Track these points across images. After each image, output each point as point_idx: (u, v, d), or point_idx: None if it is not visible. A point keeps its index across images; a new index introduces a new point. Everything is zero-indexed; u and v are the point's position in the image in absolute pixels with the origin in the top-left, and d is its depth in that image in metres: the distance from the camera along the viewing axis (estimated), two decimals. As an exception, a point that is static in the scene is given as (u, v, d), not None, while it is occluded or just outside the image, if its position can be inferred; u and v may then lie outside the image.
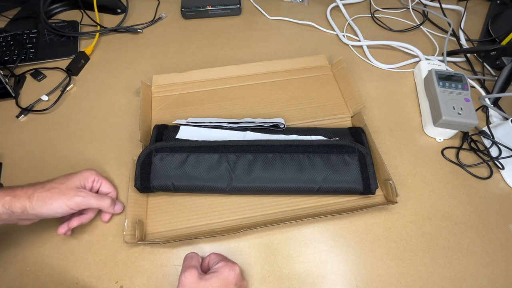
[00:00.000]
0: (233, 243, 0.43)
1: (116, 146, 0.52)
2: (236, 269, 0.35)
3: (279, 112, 0.56)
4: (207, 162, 0.45)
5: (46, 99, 0.58)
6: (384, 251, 0.43)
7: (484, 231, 0.45)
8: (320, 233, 0.44)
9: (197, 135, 0.48)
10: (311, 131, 0.50)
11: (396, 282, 0.41)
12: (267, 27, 0.73)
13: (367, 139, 0.49)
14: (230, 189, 0.44)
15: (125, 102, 0.58)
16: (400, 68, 0.64)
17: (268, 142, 0.47)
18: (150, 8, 0.76)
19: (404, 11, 0.77)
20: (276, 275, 0.41)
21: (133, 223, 0.42)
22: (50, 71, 0.63)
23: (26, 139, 0.53)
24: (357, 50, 0.68)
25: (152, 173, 0.44)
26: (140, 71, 0.63)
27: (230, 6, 0.72)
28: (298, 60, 0.63)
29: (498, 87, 0.57)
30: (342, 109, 0.56)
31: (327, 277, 0.41)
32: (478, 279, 0.41)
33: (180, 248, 0.43)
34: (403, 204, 0.47)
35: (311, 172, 0.44)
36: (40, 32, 0.68)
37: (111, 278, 0.41)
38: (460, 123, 0.50)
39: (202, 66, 0.62)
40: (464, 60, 0.66)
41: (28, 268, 0.41)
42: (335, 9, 0.76)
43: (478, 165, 0.51)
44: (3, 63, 0.62)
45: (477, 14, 0.76)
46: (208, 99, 0.57)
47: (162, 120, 0.54)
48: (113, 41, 0.69)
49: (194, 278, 0.33)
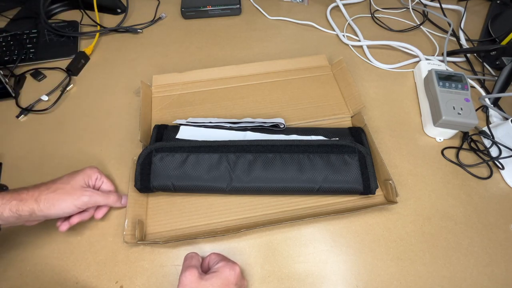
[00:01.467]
0: (233, 243, 0.43)
1: (116, 146, 0.52)
2: (236, 269, 0.35)
3: (279, 112, 0.56)
4: (207, 162, 0.45)
5: (46, 99, 0.58)
6: (384, 251, 0.43)
7: (484, 231, 0.45)
8: (320, 233, 0.44)
9: (197, 135, 0.48)
10: (311, 131, 0.50)
11: (396, 282, 0.41)
12: (267, 27, 0.73)
13: (367, 139, 0.49)
14: (230, 189, 0.44)
15: (125, 102, 0.58)
16: (400, 68, 0.64)
17: (268, 142, 0.47)
18: (150, 8, 0.76)
19: (404, 11, 0.77)
20: (276, 275, 0.41)
21: (133, 223, 0.42)
22: (50, 71, 0.63)
23: (26, 139, 0.53)
24: (357, 50, 0.68)
25: (152, 173, 0.44)
26: (140, 71, 0.63)
27: (230, 6, 0.72)
28: (298, 60, 0.63)
29: (498, 87, 0.57)
30: (342, 109, 0.56)
31: (327, 277, 0.41)
32: (478, 279, 0.41)
33: (180, 248, 0.43)
34: (403, 204, 0.47)
35: (311, 172, 0.44)
36: (40, 32, 0.68)
37: (111, 278, 0.41)
38: (460, 123, 0.50)
39: (202, 66, 0.62)
40: (464, 60, 0.66)
41: (28, 269, 0.41)
42: (335, 9, 0.76)
43: (478, 165, 0.51)
44: (3, 63, 0.62)
45: (477, 14, 0.76)
46: (208, 99, 0.57)
47: (162, 120, 0.54)
48: (113, 41, 0.69)
49: (195, 278, 0.33)
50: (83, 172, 0.41)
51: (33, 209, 0.35)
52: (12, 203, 0.35)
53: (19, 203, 0.35)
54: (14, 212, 0.34)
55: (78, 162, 0.50)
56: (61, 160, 0.51)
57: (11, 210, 0.34)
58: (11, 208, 0.34)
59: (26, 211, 0.35)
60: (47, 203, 0.36)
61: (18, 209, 0.35)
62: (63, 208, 0.37)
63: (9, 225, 0.36)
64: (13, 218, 0.35)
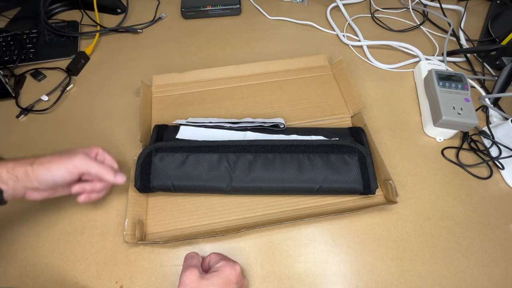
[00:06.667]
0: (233, 243, 0.43)
1: (116, 146, 0.52)
2: (237, 268, 0.35)
3: (279, 112, 0.56)
4: (207, 162, 0.45)
5: (46, 99, 0.58)
6: (384, 251, 0.43)
7: (484, 231, 0.45)
8: (320, 233, 0.44)
9: (197, 135, 0.48)
10: (311, 131, 0.50)
11: (396, 282, 0.41)
12: (267, 27, 0.73)
13: (367, 139, 0.49)
14: (230, 189, 0.44)
15: (125, 102, 0.58)
16: (400, 68, 0.64)
17: (268, 142, 0.47)
18: (150, 8, 0.76)
19: (404, 11, 0.77)
20: (276, 275, 0.41)
21: (133, 223, 0.42)
22: (50, 71, 0.63)
23: (26, 139, 0.53)
24: (357, 50, 0.68)
25: (152, 173, 0.44)
26: (140, 71, 0.63)
27: (230, 6, 0.72)
28: (298, 60, 0.63)
29: (498, 87, 0.57)
30: (342, 109, 0.56)
31: (327, 277, 0.41)
32: (478, 279, 0.41)
33: (180, 248, 0.43)
34: (403, 204, 0.47)
35: (311, 172, 0.44)
36: (40, 32, 0.68)
37: (111, 278, 0.41)
38: (460, 123, 0.50)
39: (202, 66, 0.62)
40: (464, 60, 0.66)
41: (28, 268, 0.41)
42: (335, 9, 0.76)
43: (478, 165, 0.51)
44: (3, 63, 0.62)
45: (477, 14, 0.76)
46: (208, 99, 0.57)
47: (162, 120, 0.54)
48: (113, 41, 0.69)
49: (195, 277, 0.33)
50: (85, 147, 0.42)
51: (27, 171, 0.36)
52: (9, 165, 0.36)
53: (15, 165, 0.36)
54: (11, 174, 0.35)
55: (78, 162, 0.50)
56: (61, 160, 0.51)
57: (8, 171, 0.35)
58: (8, 169, 0.36)
59: (21, 172, 0.36)
60: (40, 165, 0.37)
61: (14, 170, 0.36)
62: (54, 170, 0.37)
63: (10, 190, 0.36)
64: (11, 180, 0.36)
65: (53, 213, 0.45)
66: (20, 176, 0.36)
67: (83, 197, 0.40)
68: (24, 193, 0.37)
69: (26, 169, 0.36)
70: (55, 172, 0.37)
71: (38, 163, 0.37)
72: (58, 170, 0.37)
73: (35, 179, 0.37)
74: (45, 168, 0.37)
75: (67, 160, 0.38)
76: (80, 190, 0.40)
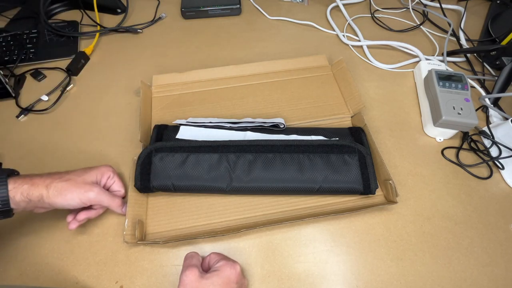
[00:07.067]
0: (233, 243, 0.43)
1: (116, 146, 0.52)
2: (237, 268, 0.35)
3: (279, 112, 0.56)
4: (207, 162, 0.45)
5: (46, 99, 0.58)
6: (384, 251, 0.43)
7: (484, 231, 0.45)
8: (320, 233, 0.44)
9: (197, 135, 0.48)
10: (311, 131, 0.50)
11: (396, 282, 0.41)
12: (267, 27, 0.73)
13: (367, 139, 0.49)
14: (230, 189, 0.44)
15: (125, 102, 0.58)
16: (400, 68, 0.64)
17: (268, 142, 0.47)
18: (150, 8, 0.76)
19: (404, 11, 0.77)
20: (276, 275, 0.41)
21: (133, 223, 0.42)
22: (50, 71, 0.63)
23: (26, 139, 0.53)
24: (357, 50, 0.68)
25: (152, 173, 0.44)
26: (140, 71, 0.63)
27: (230, 6, 0.72)
28: (298, 60, 0.63)
29: (498, 87, 0.57)
30: (342, 109, 0.56)
31: (327, 277, 0.41)
32: (478, 279, 0.41)
33: (180, 248, 0.43)
34: (403, 204, 0.47)
35: (311, 172, 0.44)
36: (40, 32, 0.68)
37: (111, 278, 0.41)
38: (460, 123, 0.50)
39: (202, 66, 0.62)
40: (464, 60, 0.66)
41: (28, 268, 0.41)
42: (335, 9, 0.76)
43: (478, 165, 0.51)
44: (3, 63, 0.62)
45: (477, 14, 0.76)
46: (208, 99, 0.57)
47: (162, 120, 0.54)
48: (113, 41, 0.69)
49: (195, 277, 0.33)
50: (98, 169, 0.42)
51: (42, 195, 0.36)
52: (23, 187, 0.36)
53: (30, 188, 0.36)
54: (25, 197, 0.35)
55: (78, 162, 0.50)
56: (61, 160, 0.51)
57: (23, 194, 0.35)
58: (22, 192, 0.35)
59: (35, 197, 0.36)
60: (56, 191, 0.37)
61: (29, 194, 0.36)
62: (68, 199, 0.37)
63: (20, 209, 0.36)
64: (24, 202, 0.36)
65: (53, 213, 0.45)
66: (33, 199, 0.36)
67: (75, 226, 0.41)
68: (32, 210, 0.38)
69: (41, 193, 0.36)
70: (69, 201, 0.38)
71: (54, 188, 0.37)
72: (72, 199, 0.38)
73: (48, 204, 0.37)
74: (60, 196, 0.37)
75: (83, 191, 0.38)
76: (85, 220, 0.41)
